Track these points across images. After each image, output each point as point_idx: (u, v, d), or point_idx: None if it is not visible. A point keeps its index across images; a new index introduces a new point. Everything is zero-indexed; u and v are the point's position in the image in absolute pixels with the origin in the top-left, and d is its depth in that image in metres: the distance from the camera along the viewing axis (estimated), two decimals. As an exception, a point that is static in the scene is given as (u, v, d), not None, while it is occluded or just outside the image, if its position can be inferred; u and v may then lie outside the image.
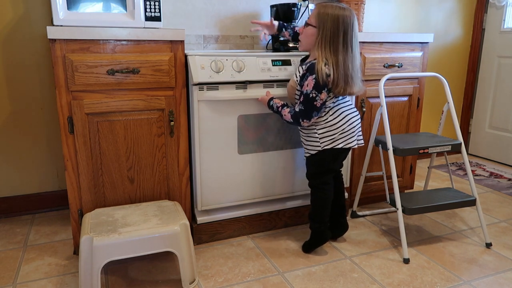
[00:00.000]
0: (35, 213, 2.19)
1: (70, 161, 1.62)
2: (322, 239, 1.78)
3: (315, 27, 1.58)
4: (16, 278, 1.61)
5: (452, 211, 2.26)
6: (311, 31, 1.60)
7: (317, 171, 1.74)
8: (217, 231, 1.89)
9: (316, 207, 1.77)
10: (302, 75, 1.61)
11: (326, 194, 1.75)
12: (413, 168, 2.36)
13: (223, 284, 1.58)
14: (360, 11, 2.41)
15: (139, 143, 1.70)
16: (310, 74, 1.56)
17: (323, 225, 1.77)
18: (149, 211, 1.60)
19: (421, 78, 2.24)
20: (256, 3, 2.38)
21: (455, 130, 1.95)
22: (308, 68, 1.58)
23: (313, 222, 1.78)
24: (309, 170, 1.77)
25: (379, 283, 1.59)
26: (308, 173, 1.78)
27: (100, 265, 1.40)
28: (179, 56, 1.68)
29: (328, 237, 1.79)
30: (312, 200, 1.78)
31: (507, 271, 1.68)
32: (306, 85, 1.57)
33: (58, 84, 1.55)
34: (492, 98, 3.15)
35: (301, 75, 1.62)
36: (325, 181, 1.75)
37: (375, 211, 2.23)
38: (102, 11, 1.63)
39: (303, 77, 1.60)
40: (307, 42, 1.63)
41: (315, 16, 1.58)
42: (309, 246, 1.80)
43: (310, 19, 1.61)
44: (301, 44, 1.68)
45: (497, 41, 3.08)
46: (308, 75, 1.57)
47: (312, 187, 1.78)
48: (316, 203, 1.77)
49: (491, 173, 2.90)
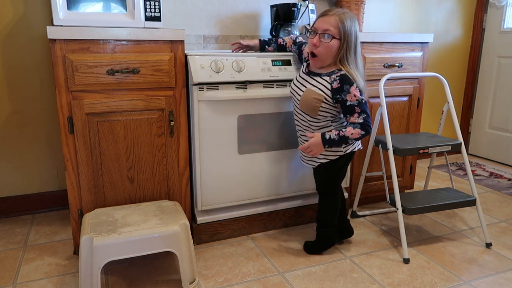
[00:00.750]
0: (35, 213, 2.19)
1: (70, 161, 1.62)
2: (330, 243, 1.79)
3: (339, 39, 1.53)
4: (16, 278, 1.61)
5: (452, 211, 2.26)
6: (335, 43, 1.53)
7: (331, 176, 1.72)
8: (217, 231, 1.89)
9: (326, 212, 1.75)
10: (338, 88, 1.53)
11: (337, 199, 1.74)
12: (413, 168, 2.36)
13: (223, 284, 1.58)
14: (360, 11, 2.41)
15: (139, 143, 1.70)
16: (350, 85, 1.53)
17: (333, 229, 1.77)
18: (149, 211, 1.60)
19: (421, 78, 2.24)
20: (256, 3, 2.38)
21: (455, 130, 1.95)
22: (343, 80, 1.53)
23: (322, 226, 1.77)
24: (323, 176, 1.72)
25: (379, 283, 1.59)
26: (321, 180, 1.74)
27: (100, 265, 1.40)
28: (179, 56, 1.68)
29: (336, 241, 1.80)
30: (323, 205, 1.76)
31: (507, 271, 1.68)
32: (353, 96, 1.52)
33: (58, 84, 1.55)
34: (492, 98, 3.15)
35: (336, 88, 1.54)
36: (336, 185, 1.74)
37: (375, 211, 2.23)
38: (102, 11, 1.63)
39: (340, 90, 1.53)
40: (329, 54, 1.55)
41: (337, 27, 1.51)
42: (314, 249, 1.79)
43: (332, 31, 1.52)
44: (319, 59, 1.57)
45: (497, 41, 3.08)
46: (347, 87, 1.52)
47: (324, 192, 1.75)
48: (327, 208, 1.75)
49: (491, 173, 2.90)
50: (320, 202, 1.78)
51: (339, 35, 1.52)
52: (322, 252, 1.79)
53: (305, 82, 1.63)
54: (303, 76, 1.66)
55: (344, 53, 1.54)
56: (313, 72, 1.63)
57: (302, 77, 1.67)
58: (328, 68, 1.60)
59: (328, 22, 1.52)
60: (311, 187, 2.01)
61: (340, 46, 1.54)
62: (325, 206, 1.76)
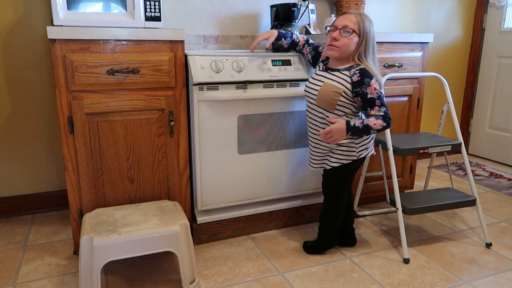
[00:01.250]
0: (35, 213, 2.19)
1: (70, 161, 1.62)
2: (332, 244, 1.79)
3: (359, 36, 1.57)
4: (16, 278, 1.61)
5: (452, 211, 2.26)
6: (355, 39, 1.57)
7: (341, 179, 1.71)
8: (217, 231, 1.89)
9: (331, 215, 1.75)
10: (358, 81, 1.55)
11: (343, 202, 1.74)
12: (413, 168, 2.36)
13: (223, 284, 1.58)
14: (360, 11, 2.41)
15: (139, 143, 1.70)
16: (370, 78, 1.54)
17: (335, 231, 1.77)
18: (149, 211, 1.60)
19: (421, 78, 2.24)
20: (256, 3, 2.38)
21: (455, 130, 1.95)
22: (363, 74, 1.55)
23: (325, 228, 1.77)
24: (332, 178, 1.72)
25: (379, 283, 1.59)
26: (329, 182, 1.73)
27: (100, 265, 1.40)
28: (179, 56, 1.68)
29: (337, 242, 1.80)
30: (328, 207, 1.76)
31: (507, 271, 1.68)
32: (373, 89, 1.54)
33: (58, 84, 1.55)
34: (492, 98, 3.15)
35: (356, 81, 1.55)
36: (344, 189, 1.73)
37: (375, 211, 2.23)
38: (102, 11, 1.63)
39: (361, 83, 1.54)
40: (348, 49, 1.58)
41: (357, 24, 1.56)
42: (314, 248, 1.79)
43: (352, 26, 1.56)
44: (339, 49, 1.59)
45: (497, 41, 3.08)
46: (368, 80, 1.54)
47: (330, 195, 1.75)
48: (332, 211, 1.75)
49: (491, 173, 2.90)
50: (325, 204, 1.77)
51: (359, 32, 1.56)
52: (321, 252, 1.79)
53: (322, 78, 1.64)
54: (320, 73, 1.67)
55: (363, 49, 1.58)
56: (331, 68, 1.64)
57: (318, 74, 1.67)
58: (346, 64, 1.61)
59: (348, 19, 1.58)
60: (311, 187, 2.01)
61: (359, 43, 1.57)
62: (330, 208, 1.75)
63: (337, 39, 1.58)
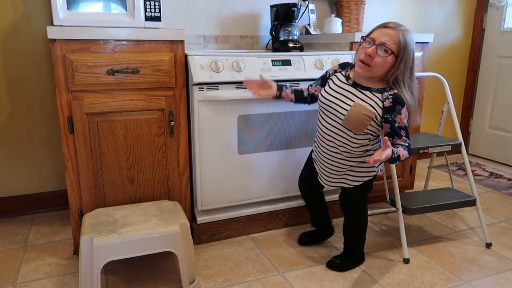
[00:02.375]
0: (35, 213, 2.19)
1: (70, 161, 1.62)
2: (363, 258, 1.75)
3: (396, 56, 1.40)
4: (16, 278, 1.61)
5: (452, 211, 2.26)
6: (391, 60, 1.40)
7: (366, 196, 1.65)
8: (217, 231, 1.89)
9: (363, 231, 1.70)
10: (389, 107, 1.42)
11: (367, 216, 1.69)
12: (413, 168, 2.36)
13: (223, 284, 1.58)
14: (360, 11, 2.41)
15: (139, 143, 1.70)
16: (402, 106, 1.42)
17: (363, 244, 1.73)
18: (149, 211, 1.60)
19: (421, 78, 2.24)
20: (256, 3, 2.38)
21: (455, 130, 1.95)
22: (396, 100, 1.42)
23: (358, 243, 1.71)
24: (359, 197, 1.64)
25: (379, 283, 1.59)
26: (358, 200, 1.65)
27: (100, 265, 1.40)
28: (179, 56, 1.68)
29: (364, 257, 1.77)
30: (359, 225, 1.68)
31: (507, 271, 1.68)
32: (403, 118, 1.42)
33: (58, 84, 1.55)
34: (492, 98, 3.15)
35: (387, 107, 1.42)
36: (365, 204, 1.67)
37: (375, 211, 2.23)
38: (102, 11, 1.63)
39: (392, 110, 1.42)
40: (380, 71, 1.42)
41: (397, 43, 1.39)
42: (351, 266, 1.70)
43: (391, 46, 1.38)
44: (371, 69, 1.42)
45: (497, 41, 3.07)
46: (399, 107, 1.42)
47: (359, 213, 1.67)
48: (363, 227, 1.69)
49: (491, 173, 2.90)
50: (348, 223, 1.69)
51: (397, 52, 1.39)
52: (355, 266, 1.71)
53: (350, 95, 1.47)
54: (346, 87, 1.49)
55: (400, 73, 1.42)
56: (360, 85, 1.47)
57: (344, 88, 1.49)
58: (377, 84, 1.46)
59: (388, 34, 1.39)
60: (311, 187, 2.01)
61: (395, 64, 1.41)
62: (361, 226, 1.69)
63: (372, 56, 1.39)
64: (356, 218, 1.67)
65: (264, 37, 2.42)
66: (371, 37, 1.42)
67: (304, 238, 1.87)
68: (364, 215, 1.68)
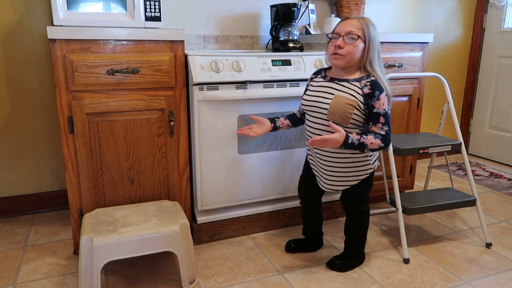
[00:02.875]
0: (35, 213, 2.19)
1: (70, 161, 1.62)
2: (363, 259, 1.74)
3: (364, 41, 1.46)
4: (16, 278, 1.61)
5: (452, 211, 2.26)
6: (360, 45, 1.46)
7: (367, 193, 1.65)
8: (217, 231, 1.89)
9: (364, 232, 1.69)
10: (369, 94, 1.45)
11: (369, 215, 1.69)
12: (413, 168, 2.36)
13: (223, 284, 1.58)
14: (360, 11, 2.41)
15: (139, 143, 1.70)
16: (380, 92, 1.45)
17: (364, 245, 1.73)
18: (149, 211, 1.60)
19: (421, 78, 2.24)
20: (256, 3, 2.38)
21: (455, 130, 1.95)
22: (374, 86, 1.45)
23: (359, 243, 1.70)
24: (362, 195, 1.64)
25: (379, 283, 1.59)
26: (361, 199, 1.64)
27: (100, 265, 1.40)
28: (179, 56, 1.68)
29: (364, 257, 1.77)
30: (361, 225, 1.67)
31: (507, 271, 1.68)
32: (382, 104, 1.45)
33: (58, 84, 1.55)
34: (492, 98, 3.15)
35: (367, 94, 1.45)
36: (367, 202, 1.67)
37: (375, 211, 2.23)
38: (102, 11, 1.63)
39: (371, 96, 1.45)
40: (354, 57, 1.47)
41: (361, 29, 1.45)
42: (351, 266, 1.69)
43: (356, 32, 1.45)
44: (344, 58, 1.47)
45: (497, 41, 3.08)
46: (378, 93, 1.45)
47: (362, 213, 1.66)
48: (365, 227, 1.68)
49: (491, 173, 2.90)
50: (350, 221, 1.68)
51: (364, 37, 1.46)
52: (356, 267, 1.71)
53: (329, 90, 1.51)
54: (324, 84, 1.54)
55: (371, 57, 1.48)
56: (337, 79, 1.52)
57: (323, 85, 1.54)
58: (353, 74, 1.51)
59: (351, 24, 1.47)
60: (311, 187, 2.01)
61: (365, 49, 1.47)
62: (364, 225, 1.68)
63: (342, 46, 1.46)
64: (358, 218, 1.66)
65: (264, 37, 2.42)
66: (336, 32, 1.51)
67: (292, 244, 1.81)
68: (366, 215, 1.67)
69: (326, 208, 2.08)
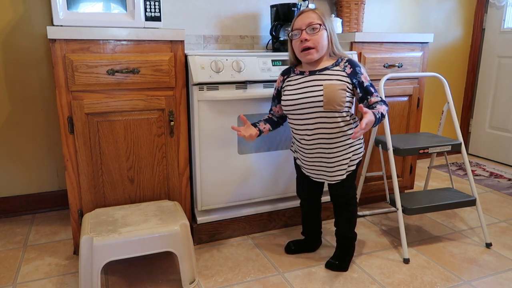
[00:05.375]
0: (35, 213, 2.19)
1: (70, 161, 1.62)
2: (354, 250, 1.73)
3: (326, 29, 1.51)
4: (16, 278, 1.61)
5: (452, 211, 2.26)
6: (324, 33, 1.50)
7: (352, 185, 1.64)
8: (217, 231, 1.89)
9: (355, 218, 1.68)
10: (352, 72, 1.50)
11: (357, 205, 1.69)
12: (413, 168, 2.36)
13: (223, 284, 1.58)
14: (360, 11, 2.42)
15: (139, 143, 1.70)
16: (360, 67, 1.52)
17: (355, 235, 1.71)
18: (149, 211, 1.60)
19: (421, 78, 2.24)
20: (256, 3, 2.38)
21: (455, 130, 1.95)
22: (352, 64, 1.52)
23: (351, 231, 1.68)
24: (353, 181, 1.63)
25: (379, 283, 1.59)
26: (352, 185, 1.64)
27: (100, 265, 1.40)
28: (179, 56, 1.68)
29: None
30: (352, 211, 1.66)
31: (507, 271, 1.68)
32: (366, 77, 1.52)
33: (58, 84, 1.55)
34: (492, 98, 3.15)
35: (350, 73, 1.50)
36: (355, 192, 1.67)
37: (375, 211, 2.23)
38: (102, 11, 1.63)
39: (355, 73, 1.50)
40: (323, 45, 1.50)
41: (319, 18, 1.50)
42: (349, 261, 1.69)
43: (317, 21, 1.49)
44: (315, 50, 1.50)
45: (497, 41, 3.08)
46: (359, 68, 1.51)
47: (353, 197, 1.65)
48: (355, 213, 1.67)
49: (491, 173, 2.90)
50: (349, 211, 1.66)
51: (324, 24, 1.51)
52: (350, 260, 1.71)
53: (315, 82, 1.51)
54: (306, 79, 1.53)
55: (335, 41, 1.54)
56: (316, 70, 1.53)
57: (305, 81, 1.53)
58: (327, 61, 1.54)
59: (308, 16, 1.50)
60: (311, 187, 2.01)
61: (329, 36, 1.52)
62: (354, 212, 1.67)
63: (308, 39, 1.48)
64: (350, 204, 1.65)
65: (264, 37, 2.42)
66: (296, 28, 1.52)
67: (292, 246, 1.80)
68: (355, 200, 1.67)
69: (326, 208, 2.08)
